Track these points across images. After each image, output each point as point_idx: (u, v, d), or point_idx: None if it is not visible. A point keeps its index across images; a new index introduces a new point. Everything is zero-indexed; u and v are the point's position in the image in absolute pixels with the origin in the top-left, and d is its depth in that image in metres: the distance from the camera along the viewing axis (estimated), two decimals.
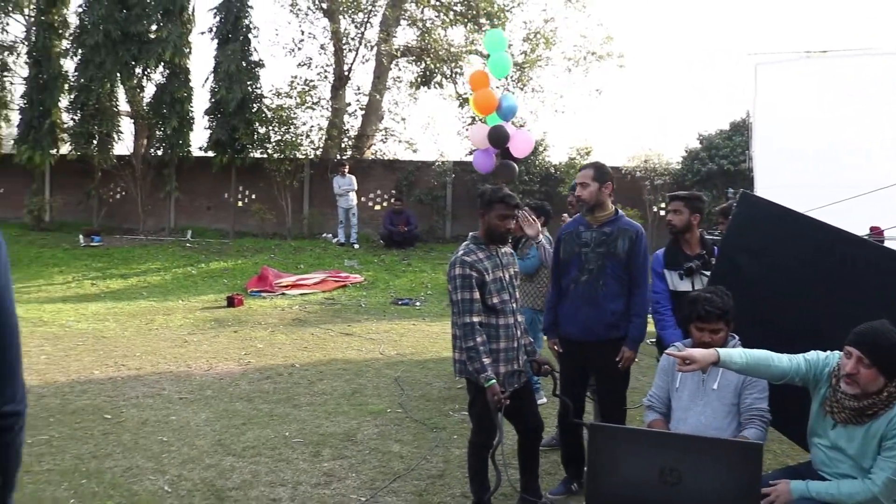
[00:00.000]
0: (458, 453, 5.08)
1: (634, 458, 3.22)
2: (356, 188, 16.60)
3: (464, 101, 18.67)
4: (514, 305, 4.16)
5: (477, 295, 3.96)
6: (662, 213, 15.88)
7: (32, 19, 19.89)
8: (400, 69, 20.33)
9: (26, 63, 20.01)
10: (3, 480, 1.78)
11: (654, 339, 5.24)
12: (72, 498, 4.34)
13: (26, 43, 20.01)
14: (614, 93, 36.38)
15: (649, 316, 4.66)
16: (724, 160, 15.10)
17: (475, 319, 3.94)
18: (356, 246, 16.14)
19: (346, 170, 16.54)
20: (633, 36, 42.62)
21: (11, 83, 20.53)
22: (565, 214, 5.87)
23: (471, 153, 17.74)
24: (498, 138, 10.32)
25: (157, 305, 11.09)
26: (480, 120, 11.52)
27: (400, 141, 19.33)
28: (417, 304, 11.55)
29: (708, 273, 4.58)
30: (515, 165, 10.59)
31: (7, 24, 20.27)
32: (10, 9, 20.19)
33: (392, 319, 10.34)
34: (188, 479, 4.65)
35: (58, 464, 4.84)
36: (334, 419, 5.84)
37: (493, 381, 3.83)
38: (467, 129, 18.31)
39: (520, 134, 10.88)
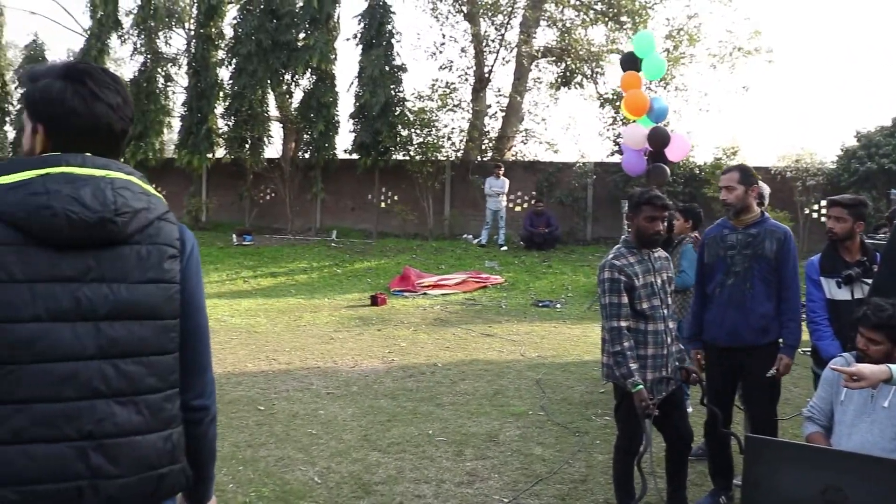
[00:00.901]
0: (601, 459, 4.98)
1: (795, 474, 3.03)
2: (507, 190, 16.64)
3: (605, 102, 18.37)
4: (666, 311, 4.00)
5: (625, 299, 3.85)
6: (815, 215, 15.07)
7: (192, 32, 21.16)
8: (540, 70, 20.27)
9: (186, 73, 21.32)
10: (198, 474, 1.85)
11: (808, 349, 4.94)
12: (230, 483, 4.56)
13: (187, 55, 21.31)
14: (762, 89, 34.86)
15: (803, 322, 4.42)
16: (885, 159, 14.12)
17: (622, 324, 3.84)
18: (503, 248, 16.17)
19: (501, 171, 16.58)
20: (783, 29, 40.66)
21: (174, 92, 21.86)
22: None
23: (612, 154, 17.46)
24: (658, 140, 10.07)
25: (305, 303, 11.52)
26: (631, 121, 11.25)
27: (540, 142, 19.25)
28: (558, 306, 11.44)
29: (869, 281, 4.24)
30: (667, 168, 10.25)
31: (170, 38, 21.66)
32: (173, 24, 21.55)
33: (532, 321, 10.29)
34: (336, 471, 4.78)
35: (217, 451, 5.08)
36: (476, 419, 5.86)
37: (641, 386, 3.72)
38: (609, 130, 18.02)
39: (678, 137, 10.56)
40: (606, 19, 18.95)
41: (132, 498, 1.62)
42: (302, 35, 19.07)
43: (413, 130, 18.33)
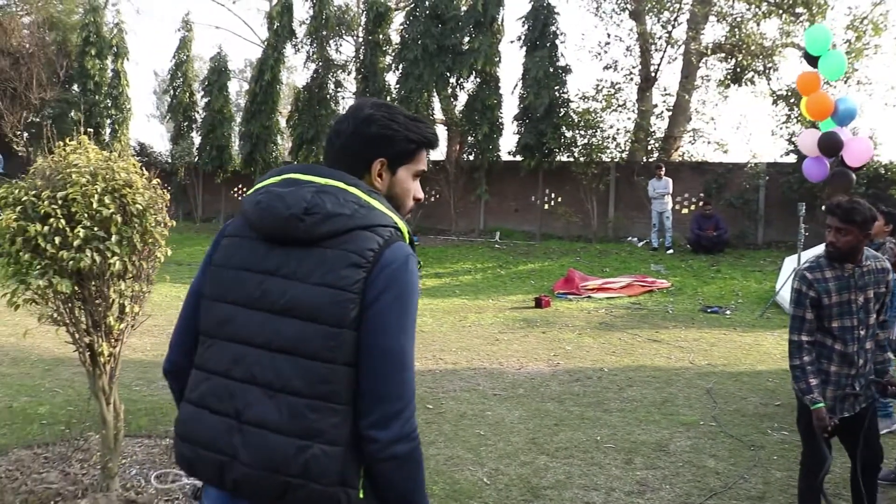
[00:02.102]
0: (780, 476, 4.80)
1: None
2: (671, 191, 16.24)
3: (778, 99, 17.49)
4: (862, 332, 3.67)
5: (810, 315, 3.62)
6: None
7: (361, 39, 22.00)
8: (708, 67, 19.58)
9: (355, 79, 22.20)
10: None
11: None
12: None
13: (356, 61, 22.18)
14: None
15: None
16: None
17: (804, 338, 3.66)
18: (670, 251, 15.79)
19: (663, 172, 16.21)
20: None
21: (343, 98, 22.80)
22: None
23: (787, 153, 16.60)
24: (829, 146, 9.41)
25: (469, 303, 11.74)
26: (809, 125, 10.55)
27: (709, 142, 18.58)
28: (727, 312, 11.04)
29: None
30: (852, 174, 9.51)
31: (340, 45, 22.63)
32: (343, 32, 22.49)
33: (701, 327, 9.99)
34: (505, 473, 4.88)
35: None
36: (645, 427, 5.80)
37: (821, 404, 3.54)
38: (782, 128, 17.14)
39: (856, 142, 9.71)
40: (780, 11, 18.02)
41: (254, 492, 1.64)
42: (467, 39, 19.39)
43: (577, 132, 18.22)
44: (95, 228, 3.72)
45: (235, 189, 24.45)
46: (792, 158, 16.19)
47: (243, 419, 1.66)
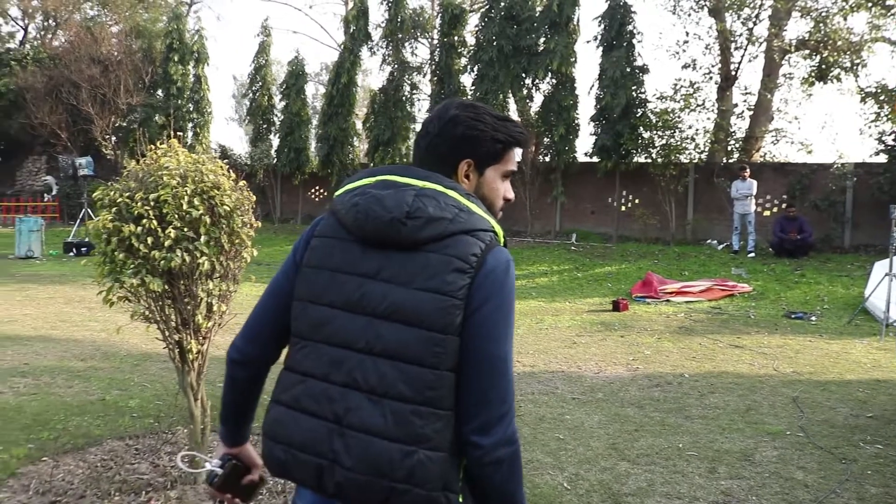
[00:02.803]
0: (875, 492, 4.60)
1: None
2: (755, 193, 15.82)
3: (867, 96, 16.86)
4: None
5: None
6: None
7: (436, 42, 22.11)
8: (791, 65, 19.03)
9: (430, 81, 22.32)
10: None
11: None
12: None
13: (431, 63, 22.31)
14: None
15: None
16: None
17: None
18: (752, 255, 15.39)
19: (747, 174, 15.81)
20: None
21: (419, 100, 22.97)
22: None
23: (877, 153, 15.99)
24: None
25: (546, 305, 11.66)
26: None
27: (792, 142, 18.07)
28: (813, 318, 10.68)
29: None
30: None
31: (416, 48, 22.82)
32: (419, 34, 22.65)
33: (785, 334, 9.69)
34: (585, 478, 4.82)
35: None
36: (728, 435, 5.65)
37: None
38: (871, 127, 16.51)
39: None
40: (870, 4, 17.36)
41: (357, 496, 1.65)
42: (542, 39, 19.31)
43: (655, 132, 17.95)
44: (185, 229, 3.82)
45: (313, 190, 24.89)
46: (882, 158, 15.59)
47: (345, 423, 1.66)
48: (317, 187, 24.76)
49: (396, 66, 22.50)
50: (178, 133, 4.66)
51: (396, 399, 1.62)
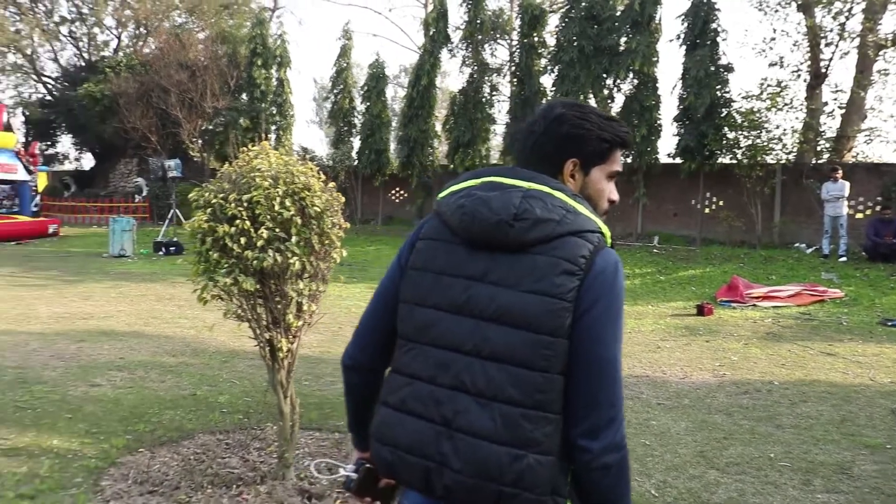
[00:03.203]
0: None
1: None
2: (847, 195, 15.26)
3: None
4: None
5: None
6: None
7: (516, 43, 22.05)
8: (887, 60, 18.26)
9: (510, 83, 22.27)
10: None
11: None
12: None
13: (510, 64, 22.26)
14: None
15: None
16: None
17: None
18: (843, 259, 14.85)
19: (840, 175, 15.26)
20: None
21: (498, 101, 22.93)
22: None
23: None
24: None
25: (628, 309, 11.47)
26: None
27: (887, 141, 17.37)
28: None
29: None
30: None
31: (495, 49, 22.79)
32: (498, 36, 22.62)
33: (881, 342, 9.30)
34: (673, 486, 4.71)
35: None
36: (823, 447, 5.45)
37: None
38: None
39: None
40: None
41: (466, 498, 1.64)
42: (623, 39, 19.05)
43: (740, 132, 17.48)
44: (277, 230, 3.90)
45: (393, 192, 25.13)
46: None
47: (454, 426, 1.65)
48: (397, 188, 24.99)
49: (476, 67, 22.51)
50: (270, 136, 4.74)
51: (505, 402, 1.61)
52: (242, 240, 3.85)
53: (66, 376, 6.69)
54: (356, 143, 25.64)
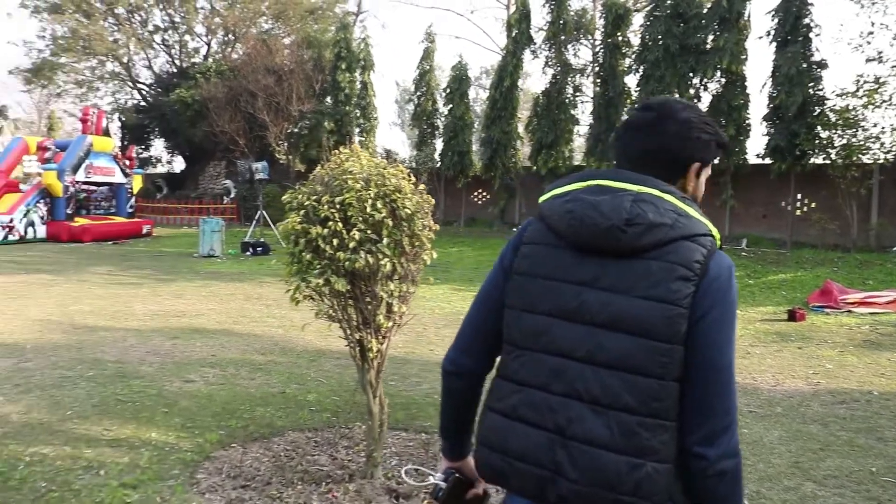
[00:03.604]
0: None
1: None
2: None
3: None
4: None
5: None
6: None
7: (599, 42, 21.80)
8: None
9: (593, 83, 22.04)
10: None
11: None
12: None
13: (594, 64, 22.02)
14: None
15: None
16: None
17: None
18: None
19: None
20: None
21: (582, 102, 22.73)
22: None
23: None
24: None
25: None
26: None
27: None
28: None
29: None
30: None
31: (578, 50, 22.57)
32: (581, 35, 22.41)
33: None
34: (767, 497, 4.57)
35: None
36: None
37: None
38: None
39: None
40: None
41: None
42: (711, 37, 18.64)
43: (834, 131, 16.85)
44: (369, 231, 3.95)
45: (475, 193, 25.20)
46: None
47: (568, 434, 1.63)
48: (479, 190, 25.04)
49: (559, 68, 22.37)
50: (357, 138, 4.80)
51: (621, 410, 1.60)
52: (335, 241, 3.92)
53: (162, 372, 6.93)
54: (439, 144, 25.80)
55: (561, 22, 22.09)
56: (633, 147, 1.83)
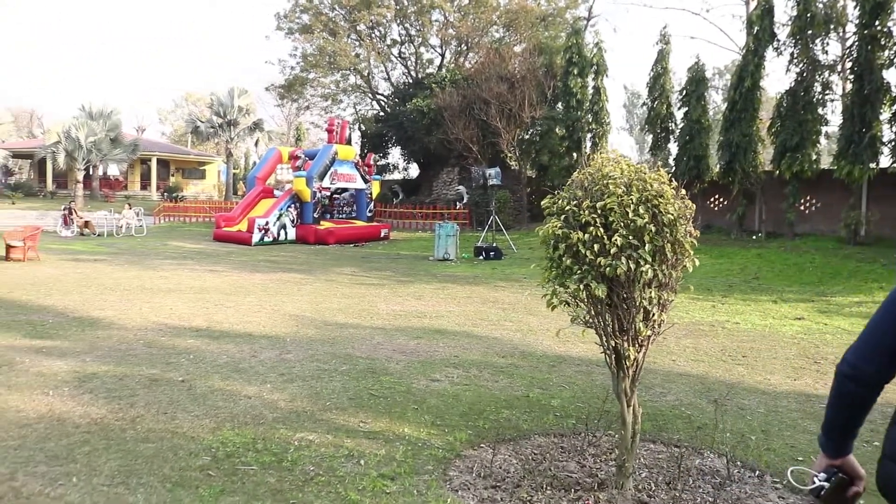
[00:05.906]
0: None
1: None
2: None
3: None
4: None
5: None
6: None
7: (852, 35, 20.06)
8: None
9: (844, 79, 20.31)
10: None
11: None
12: None
13: (846, 59, 20.30)
14: None
15: None
16: None
17: None
18: None
19: None
20: None
21: (831, 101, 21.05)
22: None
23: None
24: None
25: None
26: None
27: None
28: None
29: None
30: None
31: (827, 44, 20.90)
32: (831, 29, 20.74)
33: None
34: None
35: None
36: None
37: None
38: None
39: None
40: None
41: None
42: None
43: None
44: (630, 237, 3.87)
45: (712, 199, 24.16)
46: None
47: None
48: (716, 195, 23.97)
49: (805, 65, 20.84)
50: (583, 144, 4.73)
51: None
52: (595, 246, 3.88)
53: (409, 370, 7.23)
54: (673, 149, 25.00)
55: (808, 15, 20.56)
56: None
